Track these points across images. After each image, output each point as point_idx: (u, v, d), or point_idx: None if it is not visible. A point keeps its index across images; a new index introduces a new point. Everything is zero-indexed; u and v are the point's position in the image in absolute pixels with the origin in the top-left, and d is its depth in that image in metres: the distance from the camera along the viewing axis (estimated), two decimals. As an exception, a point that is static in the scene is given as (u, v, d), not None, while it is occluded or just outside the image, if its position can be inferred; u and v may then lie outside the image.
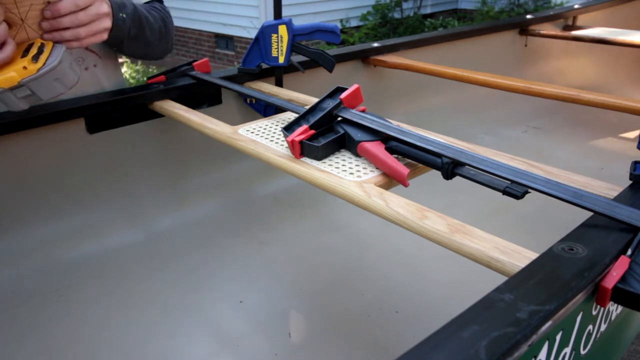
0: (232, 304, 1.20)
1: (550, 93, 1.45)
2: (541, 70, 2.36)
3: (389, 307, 1.20)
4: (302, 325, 1.14)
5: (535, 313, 0.46)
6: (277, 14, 1.30)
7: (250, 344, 1.10)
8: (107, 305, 1.17)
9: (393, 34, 6.19)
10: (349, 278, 1.29)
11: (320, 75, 1.52)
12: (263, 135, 0.99)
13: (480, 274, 0.77)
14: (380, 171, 0.83)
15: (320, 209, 1.55)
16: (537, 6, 6.17)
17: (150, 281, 1.24)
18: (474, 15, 6.83)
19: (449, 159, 0.77)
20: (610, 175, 1.76)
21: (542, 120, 2.21)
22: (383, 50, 1.73)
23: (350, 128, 0.88)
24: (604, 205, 0.64)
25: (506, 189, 0.70)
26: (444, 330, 0.44)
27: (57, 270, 1.20)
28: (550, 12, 2.32)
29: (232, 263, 1.32)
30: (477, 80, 1.57)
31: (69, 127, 1.19)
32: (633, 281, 0.52)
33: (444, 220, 0.67)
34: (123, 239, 1.31)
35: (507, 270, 0.58)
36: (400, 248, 1.39)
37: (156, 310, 1.17)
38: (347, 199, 0.78)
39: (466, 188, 1.05)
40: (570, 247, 0.57)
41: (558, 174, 0.81)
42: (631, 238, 0.59)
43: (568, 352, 0.58)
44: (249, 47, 1.32)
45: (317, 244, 1.42)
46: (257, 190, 1.56)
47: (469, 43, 2.03)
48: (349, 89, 0.90)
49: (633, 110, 1.33)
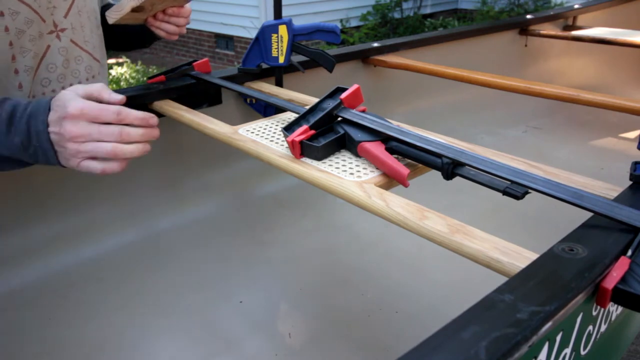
0: (232, 304, 1.20)
1: (550, 93, 1.45)
2: (541, 70, 2.36)
3: (389, 307, 1.20)
4: (302, 325, 1.14)
5: (536, 314, 0.46)
6: (277, 14, 1.30)
7: (250, 344, 1.10)
8: (107, 305, 1.17)
9: (393, 34, 6.19)
10: (349, 278, 1.29)
11: (320, 75, 1.52)
12: (263, 135, 0.99)
13: (480, 274, 0.77)
14: (380, 171, 0.83)
15: (320, 209, 1.55)
16: (537, 6, 6.17)
17: (150, 281, 1.24)
18: (474, 15, 6.83)
19: (449, 159, 0.77)
20: (610, 175, 1.76)
21: (542, 120, 2.21)
22: (383, 50, 1.73)
23: (351, 128, 0.88)
24: (604, 205, 0.64)
25: (506, 189, 0.70)
26: (444, 330, 0.44)
27: (57, 270, 1.20)
28: (550, 12, 2.32)
29: (232, 263, 1.32)
30: (477, 80, 1.57)
31: None
32: (633, 282, 0.52)
33: (444, 220, 0.67)
34: (123, 239, 1.31)
35: (507, 271, 0.58)
36: (400, 248, 1.39)
37: (156, 310, 1.16)
38: (347, 199, 0.78)
39: (466, 188, 1.05)
40: (570, 247, 0.57)
41: (558, 174, 0.81)
42: (631, 239, 0.59)
43: (568, 352, 0.58)
44: (249, 47, 1.32)
45: (317, 244, 1.42)
46: (257, 190, 1.55)
47: (469, 43, 2.03)
48: (349, 89, 0.90)
49: (633, 110, 1.33)
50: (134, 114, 0.74)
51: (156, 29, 1.16)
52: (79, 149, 0.72)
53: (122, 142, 0.74)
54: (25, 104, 0.77)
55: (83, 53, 1.07)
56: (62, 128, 0.71)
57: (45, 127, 0.73)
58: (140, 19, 1.13)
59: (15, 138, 0.75)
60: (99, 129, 0.72)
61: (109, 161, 0.75)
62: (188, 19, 1.18)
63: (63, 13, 1.00)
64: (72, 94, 0.74)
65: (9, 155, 0.77)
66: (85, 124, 0.71)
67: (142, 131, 0.76)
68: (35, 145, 0.75)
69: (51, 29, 0.99)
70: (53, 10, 0.98)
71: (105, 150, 0.73)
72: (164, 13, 1.13)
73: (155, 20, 1.14)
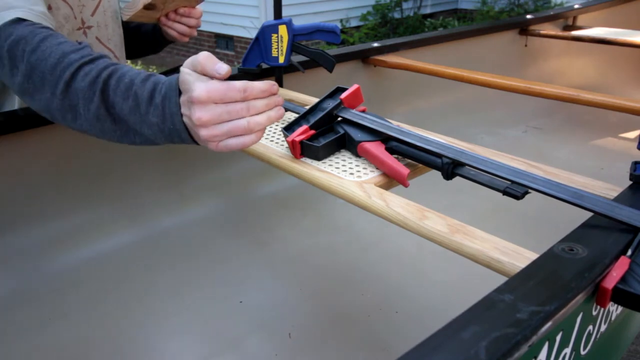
0: (232, 304, 1.20)
1: (550, 93, 1.45)
2: (541, 70, 2.36)
3: (389, 307, 1.20)
4: (302, 325, 1.14)
5: (536, 314, 0.46)
6: (277, 14, 1.30)
7: (250, 344, 1.10)
8: (107, 304, 1.17)
9: (393, 34, 6.19)
10: (349, 278, 1.29)
11: (320, 75, 1.52)
12: (263, 135, 0.99)
13: (480, 274, 0.77)
14: (380, 171, 0.83)
15: (320, 209, 1.55)
16: (537, 6, 6.16)
17: (150, 281, 1.24)
18: (474, 15, 6.83)
19: (449, 159, 0.77)
20: (610, 175, 1.76)
21: (542, 120, 2.21)
22: (383, 50, 1.73)
23: (351, 128, 0.88)
24: (604, 205, 0.64)
25: (506, 189, 0.70)
26: (444, 330, 0.44)
27: (57, 270, 1.20)
28: (550, 12, 2.32)
29: (232, 263, 1.32)
30: (477, 80, 1.57)
31: None
32: (633, 282, 0.52)
33: (444, 220, 0.67)
34: (123, 239, 1.31)
35: (507, 271, 0.58)
36: (400, 248, 1.39)
37: (156, 309, 1.16)
38: (347, 199, 0.78)
39: (466, 188, 1.05)
40: (570, 247, 0.57)
41: (558, 174, 0.81)
42: (631, 238, 0.59)
43: (568, 352, 0.58)
44: (249, 47, 1.32)
45: (317, 244, 1.42)
46: (257, 190, 1.55)
47: (469, 43, 2.03)
48: (349, 89, 0.90)
49: (633, 110, 1.33)
50: (258, 87, 0.73)
51: (168, 29, 1.20)
52: (213, 133, 0.71)
53: (251, 116, 0.73)
54: (163, 83, 0.75)
55: (106, 50, 1.15)
56: (191, 113, 0.70)
57: (178, 109, 0.73)
58: (152, 18, 1.16)
59: (153, 118, 0.74)
60: (227, 109, 0.71)
61: (245, 135, 0.73)
62: (199, 20, 1.23)
63: (90, 11, 1.10)
64: (192, 74, 0.72)
65: (148, 135, 0.77)
66: (212, 106, 0.70)
67: (266, 101, 0.74)
68: (170, 127, 0.74)
69: (79, 26, 1.08)
70: (82, 8, 1.08)
71: (242, 128, 0.72)
72: (175, 13, 1.18)
73: (167, 20, 1.18)
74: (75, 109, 0.76)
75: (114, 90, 0.74)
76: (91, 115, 0.76)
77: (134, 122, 0.75)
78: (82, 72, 0.75)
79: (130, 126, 0.76)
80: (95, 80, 0.74)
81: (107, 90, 0.74)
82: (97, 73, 0.75)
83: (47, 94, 0.77)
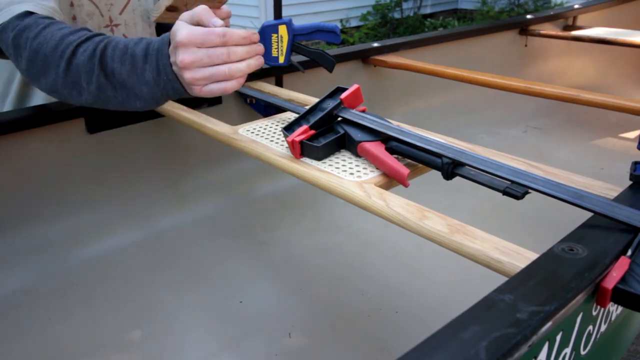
0: (232, 304, 1.20)
1: (550, 93, 1.45)
2: (541, 70, 2.36)
3: (389, 307, 1.20)
4: (302, 325, 1.14)
5: (536, 314, 0.46)
6: (277, 13, 1.30)
7: (250, 344, 1.10)
8: (107, 304, 1.17)
9: (393, 34, 6.19)
10: (349, 278, 1.29)
11: (320, 75, 1.52)
12: (263, 135, 0.99)
13: (480, 274, 0.77)
14: (380, 171, 0.83)
15: (320, 209, 1.55)
16: (537, 6, 6.16)
17: (150, 281, 1.24)
18: (474, 15, 6.83)
19: (449, 159, 0.77)
20: (610, 175, 1.76)
21: (542, 120, 2.21)
22: (383, 50, 1.73)
23: (351, 128, 0.88)
24: (604, 205, 0.64)
25: (506, 189, 0.70)
26: (444, 330, 0.44)
27: (57, 269, 1.20)
28: (550, 12, 2.32)
29: (232, 263, 1.32)
30: (477, 80, 1.57)
31: (69, 127, 1.19)
32: (633, 282, 0.52)
33: (444, 220, 0.67)
34: (123, 239, 1.31)
35: (507, 271, 0.58)
36: (400, 248, 1.39)
37: (156, 309, 1.16)
38: (347, 199, 0.78)
39: (466, 188, 1.05)
40: (570, 247, 0.57)
41: (558, 174, 0.81)
42: (631, 238, 0.59)
43: (568, 352, 0.58)
44: (249, 47, 1.32)
45: (317, 244, 1.42)
46: (257, 190, 1.56)
47: (469, 43, 2.04)
48: (349, 89, 0.90)
49: (633, 110, 1.33)
50: (237, 34, 0.76)
51: None
52: (195, 77, 0.74)
53: (231, 62, 0.76)
54: (155, 40, 0.79)
55: None
56: (176, 57, 0.73)
57: (168, 59, 0.76)
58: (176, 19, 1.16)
59: (149, 74, 0.77)
60: (208, 52, 0.73)
61: (226, 81, 0.77)
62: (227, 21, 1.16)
63: (119, 10, 1.11)
64: (181, 22, 0.76)
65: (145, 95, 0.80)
66: (194, 49, 0.73)
67: (247, 48, 0.77)
68: (165, 79, 0.77)
69: (107, 23, 1.10)
70: (110, 7, 1.10)
71: (223, 73, 0.75)
72: None
73: None
74: (79, 84, 0.80)
75: (111, 58, 0.78)
76: (94, 87, 0.79)
77: (133, 84, 0.78)
78: (81, 49, 0.79)
79: (130, 90, 0.79)
80: (93, 54, 0.78)
81: (105, 59, 0.78)
82: (94, 46, 0.78)
83: (52, 75, 0.81)
